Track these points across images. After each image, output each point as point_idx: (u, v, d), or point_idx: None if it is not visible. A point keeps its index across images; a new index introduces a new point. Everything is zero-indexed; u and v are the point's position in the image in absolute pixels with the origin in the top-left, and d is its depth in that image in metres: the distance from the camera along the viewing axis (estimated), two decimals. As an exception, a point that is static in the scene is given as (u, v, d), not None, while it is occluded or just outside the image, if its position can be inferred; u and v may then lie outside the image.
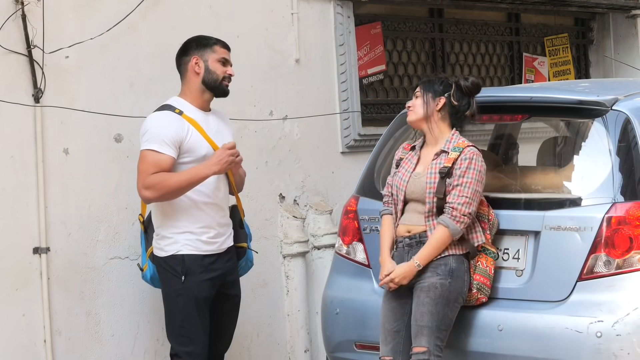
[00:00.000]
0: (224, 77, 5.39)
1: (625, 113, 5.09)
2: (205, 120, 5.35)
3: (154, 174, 5.14)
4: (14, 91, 5.64)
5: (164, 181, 5.15)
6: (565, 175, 5.36)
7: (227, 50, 5.45)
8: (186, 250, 5.25)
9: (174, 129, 5.20)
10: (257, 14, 6.83)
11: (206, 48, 5.38)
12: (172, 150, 5.18)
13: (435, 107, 5.19)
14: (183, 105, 5.32)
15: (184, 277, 5.23)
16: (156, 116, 5.29)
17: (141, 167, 5.20)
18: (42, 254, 5.70)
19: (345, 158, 7.35)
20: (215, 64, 5.36)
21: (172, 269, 5.26)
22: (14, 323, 5.64)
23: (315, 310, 6.88)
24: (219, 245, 5.35)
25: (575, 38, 9.61)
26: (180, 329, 5.27)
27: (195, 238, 5.26)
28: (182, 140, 5.21)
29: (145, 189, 5.17)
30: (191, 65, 5.35)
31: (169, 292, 5.31)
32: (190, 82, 5.37)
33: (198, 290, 5.25)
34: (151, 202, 5.26)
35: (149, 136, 5.20)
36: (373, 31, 7.75)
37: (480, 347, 5.12)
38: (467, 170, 5.06)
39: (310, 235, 7.02)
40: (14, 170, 5.65)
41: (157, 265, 5.36)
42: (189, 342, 5.26)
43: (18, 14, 5.64)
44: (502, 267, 5.21)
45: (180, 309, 5.26)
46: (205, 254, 5.29)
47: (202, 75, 5.34)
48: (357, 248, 5.64)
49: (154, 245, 5.37)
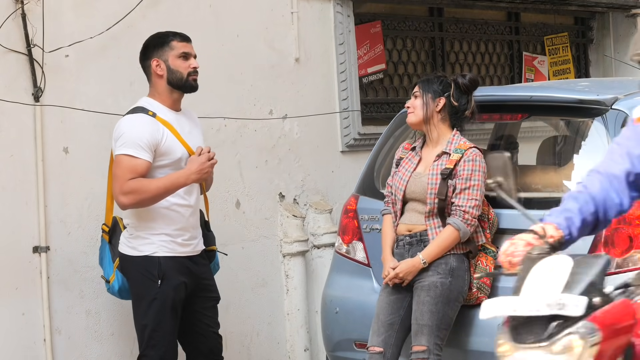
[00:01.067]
0: (189, 73, 5.20)
1: (625, 112, 5.09)
2: (177, 122, 5.21)
3: (132, 179, 5.03)
4: (13, 90, 5.64)
5: (142, 187, 5.03)
6: (565, 174, 5.36)
7: (185, 43, 5.24)
8: (162, 252, 5.13)
9: (149, 132, 5.06)
10: (257, 13, 6.83)
11: (164, 47, 5.19)
12: (147, 154, 5.05)
13: (436, 108, 5.19)
14: (154, 106, 5.18)
15: (160, 281, 5.12)
16: (130, 120, 5.14)
17: (118, 172, 5.07)
18: (41, 253, 5.70)
19: (345, 157, 7.35)
20: (176, 61, 5.18)
21: (147, 272, 5.14)
22: (14, 322, 5.64)
23: (315, 309, 6.88)
24: (193, 248, 5.25)
25: (575, 37, 9.61)
26: (152, 332, 5.17)
27: (171, 240, 5.15)
28: (158, 144, 5.08)
29: (123, 195, 5.04)
30: (153, 69, 5.18)
31: (143, 295, 5.18)
32: (156, 85, 5.21)
33: (174, 294, 5.15)
34: (128, 208, 5.11)
35: (124, 140, 5.06)
36: (373, 30, 7.75)
37: (480, 346, 5.12)
38: (473, 173, 5.07)
39: (310, 234, 7.01)
40: (13, 169, 5.65)
41: (128, 263, 5.20)
42: (161, 345, 5.17)
43: (18, 13, 5.64)
44: (502, 267, 5.20)
45: (154, 313, 5.15)
46: (181, 255, 5.19)
47: (166, 76, 5.17)
48: (356, 247, 5.64)
49: (124, 242, 5.22)
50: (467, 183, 5.07)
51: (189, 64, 5.21)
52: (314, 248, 7.01)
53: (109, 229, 5.41)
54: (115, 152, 5.10)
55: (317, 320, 6.66)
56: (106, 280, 5.40)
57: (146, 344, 5.21)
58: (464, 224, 5.04)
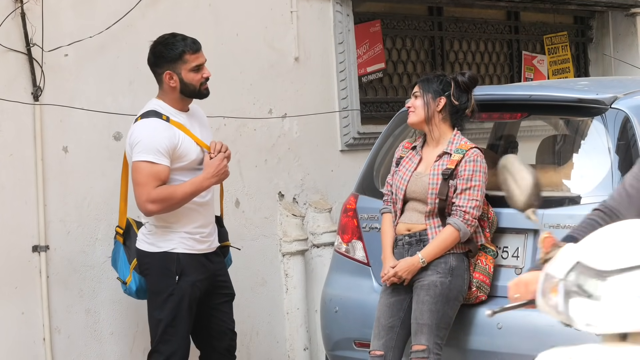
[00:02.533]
0: (201, 83, 5.25)
1: (624, 111, 5.09)
2: (189, 122, 5.26)
3: (158, 187, 5.08)
4: (13, 89, 5.64)
5: (171, 194, 5.09)
6: (564, 173, 5.36)
7: (197, 54, 5.24)
8: (181, 249, 5.19)
9: (167, 138, 5.10)
10: (256, 12, 6.83)
11: (176, 61, 5.19)
12: (166, 159, 5.09)
13: (436, 108, 5.19)
14: (166, 109, 5.21)
15: (177, 277, 5.18)
16: (146, 125, 5.16)
17: (140, 179, 5.10)
18: (41, 252, 5.70)
19: (344, 156, 7.35)
20: (189, 74, 5.20)
21: (165, 268, 5.19)
22: (14, 321, 5.64)
23: (314, 309, 6.88)
24: (209, 245, 5.31)
25: (574, 36, 9.60)
26: (166, 327, 5.20)
27: (190, 237, 5.21)
28: (175, 148, 5.13)
29: (150, 202, 5.07)
30: (165, 80, 5.21)
31: (160, 290, 5.22)
32: (167, 92, 5.24)
33: (190, 291, 5.20)
34: (154, 214, 5.15)
35: (142, 147, 5.08)
36: (372, 29, 7.75)
37: (479, 345, 5.12)
38: (474, 173, 5.07)
39: (309, 233, 7.01)
40: (13, 168, 5.65)
41: (146, 259, 5.23)
42: (174, 341, 5.20)
43: (17, 12, 5.64)
44: (501, 266, 5.21)
45: (170, 309, 5.19)
46: (199, 253, 5.25)
47: (179, 88, 5.21)
48: (356, 246, 5.64)
49: (142, 239, 5.25)
50: (468, 183, 5.07)
51: (201, 74, 5.25)
52: (314, 247, 7.01)
53: (123, 231, 5.45)
54: (134, 159, 5.12)
55: (317, 319, 6.66)
56: (122, 281, 5.42)
57: (159, 340, 5.24)
58: (464, 224, 5.04)
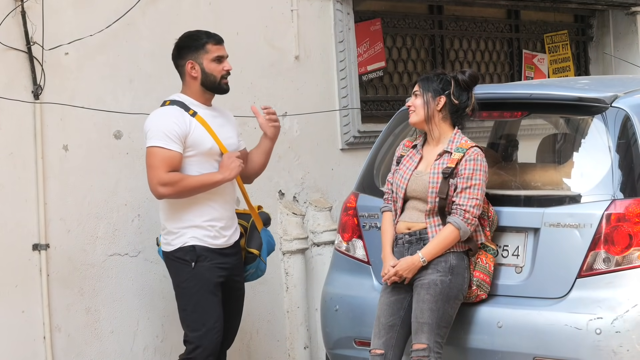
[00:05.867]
0: (222, 76, 5.38)
1: (624, 110, 5.09)
2: (209, 115, 5.36)
3: (170, 172, 5.17)
4: (13, 88, 5.64)
5: (182, 180, 5.18)
6: (564, 172, 5.36)
7: (220, 46, 5.41)
8: (195, 242, 5.27)
9: (177, 124, 5.21)
10: (257, 11, 6.83)
11: (199, 50, 5.34)
12: (178, 145, 5.20)
13: (436, 107, 5.19)
14: (187, 101, 5.34)
15: (194, 263, 5.25)
16: (158, 112, 5.32)
17: (152, 162, 5.20)
18: (41, 251, 5.71)
19: (344, 155, 7.35)
20: (211, 64, 5.35)
21: (181, 260, 5.28)
22: (14, 319, 5.64)
23: (314, 307, 6.89)
24: (226, 240, 5.36)
25: (575, 35, 9.61)
26: (191, 314, 5.28)
27: (202, 231, 5.28)
28: (186, 135, 5.22)
29: (161, 185, 5.18)
30: (187, 70, 5.34)
31: (180, 280, 5.32)
32: (189, 84, 5.38)
33: (209, 274, 5.27)
34: (165, 197, 5.26)
35: (153, 133, 5.21)
36: (373, 28, 7.75)
37: (480, 343, 5.12)
38: (475, 172, 5.07)
39: (309, 232, 7.02)
40: (13, 167, 5.65)
41: (167, 260, 5.36)
42: (200, 326, 5.25)
43: (18, 11, 5.64)
44: (501, 264, 5.21)
45: (190, 295, 5.27)
46: (213, 247, 5.30)
47: (200, 78, 5.34)
48: (356, 245, 5.64)
49: (162, 242, 5.39)
50: (468, 182, 5.06)
51: (222, 66, 5.38)
52: (314, 246, 7.01)
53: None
54: (147, 144, 5.25)
55: (317, 317, 6.66)
56: (157, 243, 5.55)
57: (187, 328, 5.32)
58: (465, 223, 5.03)
